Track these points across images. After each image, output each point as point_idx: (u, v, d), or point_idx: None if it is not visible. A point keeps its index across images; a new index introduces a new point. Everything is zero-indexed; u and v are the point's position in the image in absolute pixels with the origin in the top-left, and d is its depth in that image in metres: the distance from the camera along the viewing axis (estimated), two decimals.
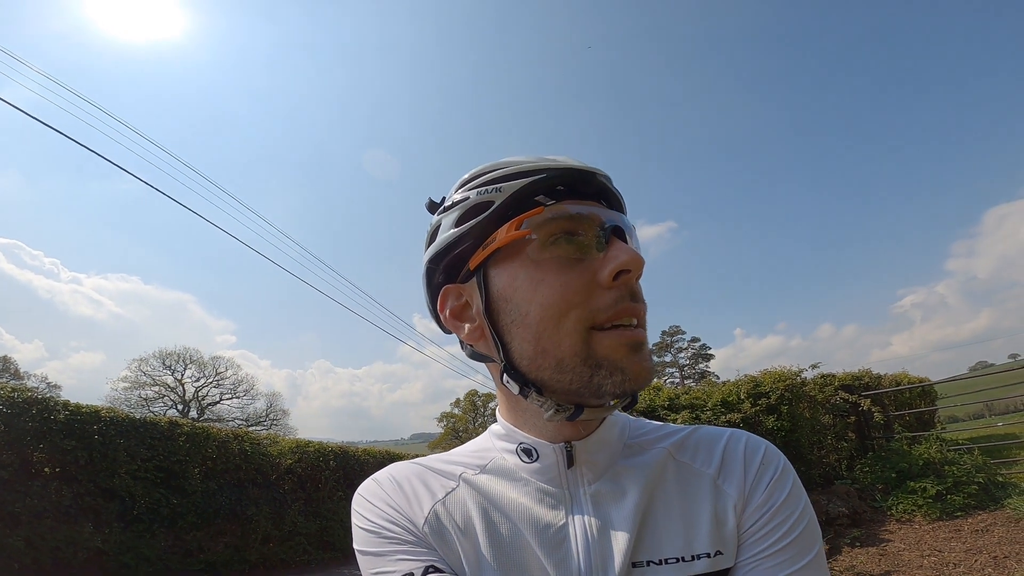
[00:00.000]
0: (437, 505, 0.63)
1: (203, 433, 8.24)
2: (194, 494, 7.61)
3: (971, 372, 58.48)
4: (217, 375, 31.35)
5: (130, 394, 28.59)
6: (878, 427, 8.11)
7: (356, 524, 0.64)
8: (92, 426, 6.74)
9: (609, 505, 0.61)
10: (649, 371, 0.58)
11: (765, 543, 0.58)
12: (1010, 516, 5.66)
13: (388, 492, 0.65)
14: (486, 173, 0.63)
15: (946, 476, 6.50)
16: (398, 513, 0.62)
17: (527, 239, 0.59)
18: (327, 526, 9.64)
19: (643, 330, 0.59)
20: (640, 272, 0.59)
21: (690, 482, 0.63)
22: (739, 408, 6.65)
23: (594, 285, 0.57)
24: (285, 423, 33.27)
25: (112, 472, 6.75)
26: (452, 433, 46.73)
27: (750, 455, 0.64)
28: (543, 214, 0.59)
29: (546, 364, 0.58)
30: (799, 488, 0.62)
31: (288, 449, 9.80)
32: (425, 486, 0.65)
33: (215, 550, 7.62)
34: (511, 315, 0.60)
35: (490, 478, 0.66)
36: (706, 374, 46.33)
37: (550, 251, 0.59)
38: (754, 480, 0.62)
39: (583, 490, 0.62)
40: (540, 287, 0.58)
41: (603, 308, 0.57)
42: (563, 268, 0.58)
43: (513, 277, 0.60)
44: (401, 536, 0.60)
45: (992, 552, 4.68)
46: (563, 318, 0.57)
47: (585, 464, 0.63)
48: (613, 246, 0.59)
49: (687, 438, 0.67)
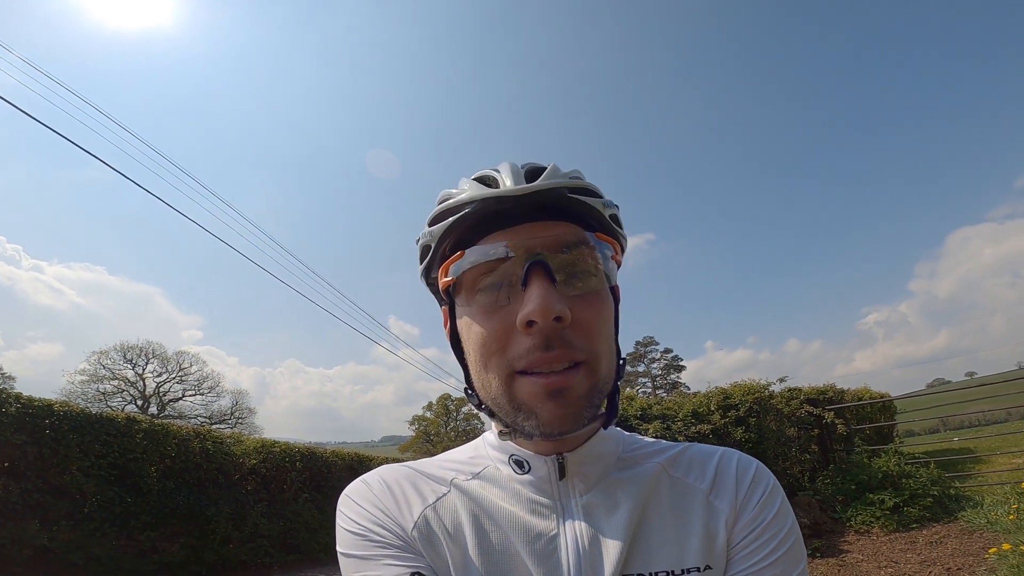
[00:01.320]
0: (427, 510, 0.62)
1: (162, 430, 7.98)
2: (149, 493, 7.35)
3: (929, 389, 60.69)
4: (181, 371, 30.37)
5: (87, 388, 27.42)
6: (840, 440, 8.34)
7: (341, 525, 0.62)
8: (44, 420, 6.49)
9: (601, 516, 0.61)
10: (565, 418, 0.55)
11: (754, 559, 0.59)
12: (963, 528, 5.87)
13: (377, 494, 0.64)
14: (437, 206, 0.64)
15: (903, 489, 6.72)
16: (386, 516, 0.61)
17: (460, 282, 0.61)
18: (291, 528, 9.39)
19: (574, 373, 0.56)
20: (547, 321, 0.54)
21: (683, 497, 0.63)
22: (709, 419, 6.77)
23: (513, 330, 0.56)
24: (251, 422, 32.38)
25: (63, 468, 6.49)
26: (423, 436, 46.28)
27: (742, 472, 0.65)
28: (464, 259, 0.59)
29: (487, 397, 0.61)
30: (787, 506, 0.63)
31: (253, 449, 9.55)
32: (416, 490, 0.64)
33: (170, 551, 7.36)
34: (465, 346, 0.63)
35: (482, 485, 0.65)
36: (677, 384, 47.03)
37: (475, 296, 0.60)
38: (745, 497, 0.63)
39: (575, 501, 0.62)
40: (471, 330, 0.60)
41: (518, 357, 0.56)
42: (486, 314, 0.58)
43: (461, 314, 0.63)
44: (388, 540, 0.59)
45: (946, 564, 4.84)
46: (487, 363, 0.59)
47: (577, 475, 0.63)
48: (529, 289, 0.55)
49: (680, 454, 0.68)
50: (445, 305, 0.68)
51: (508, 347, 0.57)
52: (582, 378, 0.56)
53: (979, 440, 11.22)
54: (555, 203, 0.59)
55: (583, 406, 0.56)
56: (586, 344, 0.57)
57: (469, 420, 47.39)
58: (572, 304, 0.56)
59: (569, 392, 0.56)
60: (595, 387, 0.58)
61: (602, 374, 0.58)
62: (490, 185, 0.60)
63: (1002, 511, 5.82)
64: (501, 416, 0.60)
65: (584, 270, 0.59)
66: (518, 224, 0.59)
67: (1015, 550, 4.45)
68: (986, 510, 6.10)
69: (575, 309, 0.56)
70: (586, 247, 0.59)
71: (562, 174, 0.61)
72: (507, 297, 0.57)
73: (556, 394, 0.55)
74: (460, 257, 0.59)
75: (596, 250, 0.60)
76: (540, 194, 0.58)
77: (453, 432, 46.31)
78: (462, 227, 0.60)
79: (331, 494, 10.94)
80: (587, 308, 0.58)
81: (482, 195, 0.58)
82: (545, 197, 0.58)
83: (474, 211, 0.59)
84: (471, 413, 47.38)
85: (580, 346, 0.56)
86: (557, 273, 0.57)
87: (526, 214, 0.59)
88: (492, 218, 0.59)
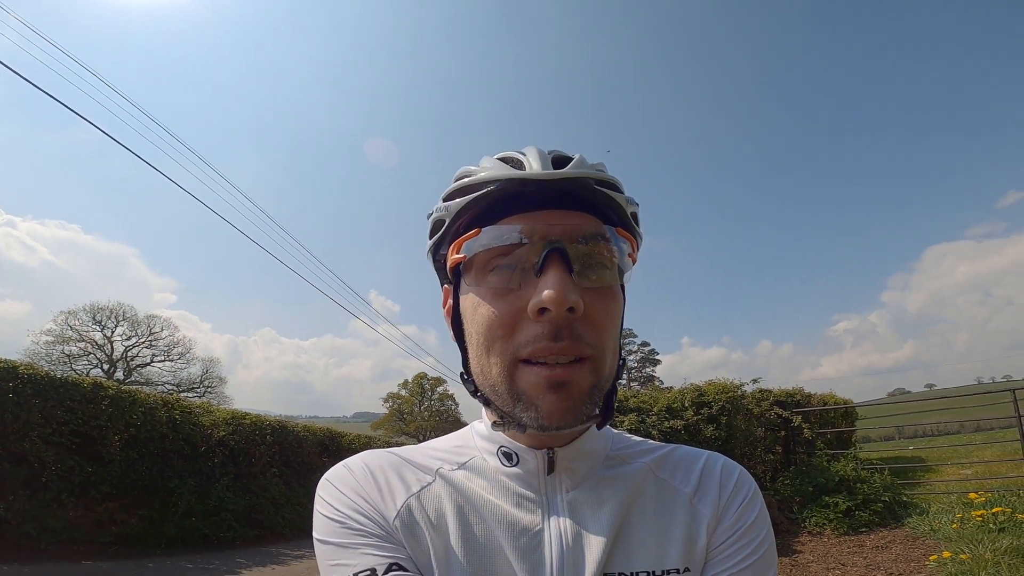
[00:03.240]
0: (411, 499, 0.61)
1: (129, 398, 7.77)
2: (111, 463, 7.18)
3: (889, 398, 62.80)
4: (151, 335, 29.64)
5: (52, 349, 26.58)
6: (803, 443, 8.60)
7: (320, 511, 0.60)
8: (8, 383, 6.23)
9: (586, 514, 0.60)
10: (566, 412, 0.54)
11: (730, 562, 0.60)
12: (908, 534, 6.15)
13: (359, 481, 0.62)
14: (454, 182, 0.62)
15: (857, 493, 6.98)
16: (367, 504, 0.59)
17: (471, 261, 0.59)
18: (256, 503, 9.27)
19: (579, 367, 0.55)
20: (560, 311, 0.52)
21: (667, 498, 0.63)
22: (682, 415, 6.87)
23: (522, 316, 0.55)
24: (221, 391, 31.88)
25: (23, 435, 6.26)
26: (397, 415, 46.31)
27: (726, 477, 0.65)
28: (479, 237, 0.57)
29: (485, 384, 0.59)
30: (765, 512, 0.64)
31: (222, 420, 9.43)
32: (400, 478, 0.63)
33: (129, 523, 7.23)
34: (467, 328, 0.61)
35: (468, 476, 0.64)
36: (652, 378, 47.80)
37: (487, 277, 0.58)
38: (727, 501, 0.63)
39: (561, 497, 0.62)
40: (477, 312, 0.58)
41: (524, 344, 0.55)
42: (496, 296, 0.57)
43: (467, 293, 0.60)
44: (368, 528, 0.57)
45: (889, 568, 5.08)
46: (491, 347, 0.57)
47: (565, 471, 0.62)
48: (544, 276, 0.54)
49: (667, 456, 0.68)
50: (448, 284, 0.66)
51: (515, 333, 0.55)
52: (586, 373, 0.55)
53: (931, 450, 11.71)
54: (580, 193, 0.58)
55: (584, 402, 0.55)
56: (594, 339, 0.56)
57: (443, 401, 47.53)
58: (585, 297, 0.55)
59: (571, 386, 0.54)
60: (597, 385, 0.57)
61: (605, 372, 0.57)
62: (515, 167, 0.58)
63: (946, 519, 6.09)
64: (498, 405, 0.58)
65: (600, 263, 0.58)
66: (540, 210, 0.58)
67: (954, 558, 4.68)
68: (931, 518, 6.38)
69: (588, 302, 0.55)
70: (604, 240, 0.58)
71: (589, 165, 0.59)
72: (519, 282, 0.56)
73: (558, 387, 0.54)
74: (476, 235, 0.57)
75: (613, 244, 0.59)
76: (567, 182, 0.56)
77: (427, 411, 46.44)
78: (480, 205, 0.59)
79: (300, 470, 10.90)
80: (599, 302, 0.57)
81: (507, 175, 0.57)
82: (571, 186, 0.57)
83: (496, 191, 0.57)
84: (445, 393, 47.51)
85: (588, 340, 0.55)
86: (574, 263, 0.55)
87: (549, 200, 0.58)
88: (513, 200, 0.58)
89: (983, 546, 4.82)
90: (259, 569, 6.87)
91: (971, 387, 58.60)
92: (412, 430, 43.98)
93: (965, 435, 16.70)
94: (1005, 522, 5.37)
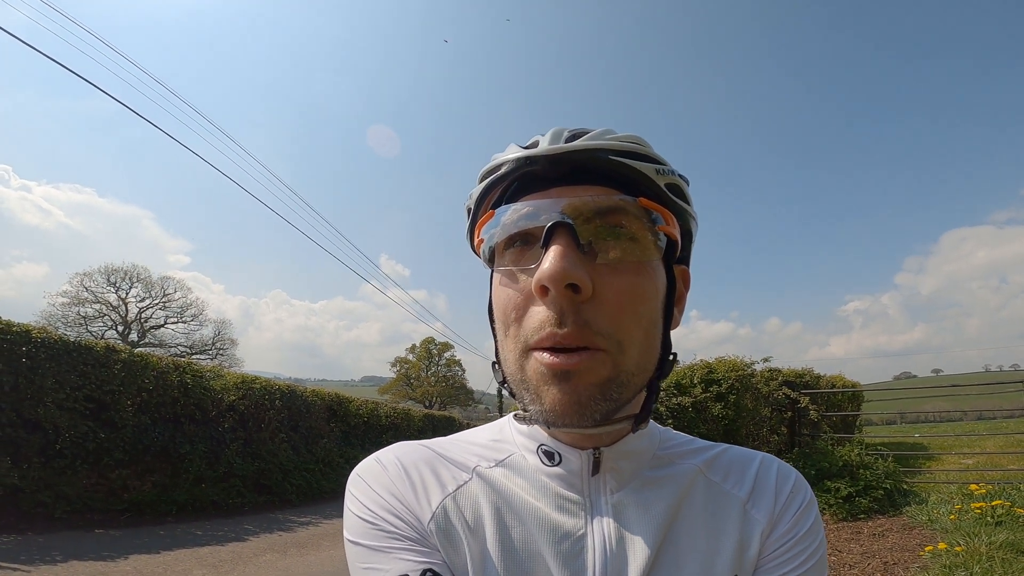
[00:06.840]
0: (447, 500, 0.57)
1: (141, 362, 7.80)
2: (124, 428, 7.27)
3: (895, 381, 62.47)
4: (164, 296, 30.13)
5: (68, 311, 27.12)
6: (809, 425, 8.60)
7: (351, 510, 0.57)
8: (21, 347, 6.24)
9: (631, 517, 0.56)
10: (569, 407, 0.49)
11: (783, 570, 0.57)
12: (905, 523, 6.19)
13: (393, 479, 0.58)
14: None
15: (859, 479, 7.00)
16: (401, 505, 0.56)
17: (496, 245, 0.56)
18: (265, 469, 9.43)
19: (587, 356, 0.48)
20: (559, 288, 0.47)
21: (719, 503, 0.60)
22: (691, 392, 6.77)
23: (532, 299, 0.51)
24: (232, 353, 32.59)
25: (38, 401, 6.32)
26: (404, 379, 47.10)
27: (781, 482, 0.62)
28: (492, 219, 0.56)
29: (507, 372, 0.56)
30: (820, 521, 0.62)
31: (232, 384, 9.48)
32: (435, 476, 0.59)
33: (142, 489, 7.35)
34: (495, 313, 0.58)
35: (506, 474, 0.60)
36: None
37: (504, 260, 0.55)
38: (783, 508, 0.60)
39: (605, 499, 0.58)
40: (498, 296, 0.56)
41: (532, 329, 0.50)
42: (511, 279, 0.54)
43: (494, 279, 0.59)
44: (402, 531, 0.54)
45: (884, 557, 5.12)
46: (507, 332, 0.54)
47: (610, 472, 0.58)
48: (546, 253, 0.49)
49: (719, 457, 0.64)
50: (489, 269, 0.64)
51: (525, 317, 0.52)
52: (596, 364, 0.49)
53: (934, 438, 11.70)
54: (593, 166, 0.53)
55: (593, 397, 0.49)
56: (608, 325, 0.49)
57: (450, 366, 48.20)
58: (599, 275, 0.49)
59: (576, 378, 0.49)
60: (614, 379, 0.50)
61: (627, 365, 0.51)
62: (531, 148, 0.55)
63: (944, 510, 6.11)
64: (518, 395, 0.55)
65: (622, 237, 0.52)
66: (553, 187, 0.55)
67: (949, 550, 4.71)
68: (929, 508, 6.40)
69: (601, 281, 0.49)
70: (623, 213, 0.52)
71: (609, 136, 0.54)
72: (531, 262, 0.52)
73: (561, 377, 0.49)
74: (490, 217, 0.56)
75: (637, 217, 0.52)
76: (576, 154, 0.52)
77: (433, 377, 47.18)
78: (499, 189, 0.58)
79: (308, 435, 11.09)
80: (617, 280, 0.50)
81: (515, 155, 0.55)
82: (584, 158, 0.52)
83: (509, 172, 0.55)
84: (452, 359, 48.15)
85: (600, 327, 0.49)
86: (585, 238, 0.50)
87: (562, 177, 0.54)
88: (528, 180, 0.56)
89: (979, 539, 4.83)
90: (266, 536, 7.01)
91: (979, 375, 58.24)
92: (419, 395, 44.81)
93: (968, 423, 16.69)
94: (1003, 516, 5.37)
